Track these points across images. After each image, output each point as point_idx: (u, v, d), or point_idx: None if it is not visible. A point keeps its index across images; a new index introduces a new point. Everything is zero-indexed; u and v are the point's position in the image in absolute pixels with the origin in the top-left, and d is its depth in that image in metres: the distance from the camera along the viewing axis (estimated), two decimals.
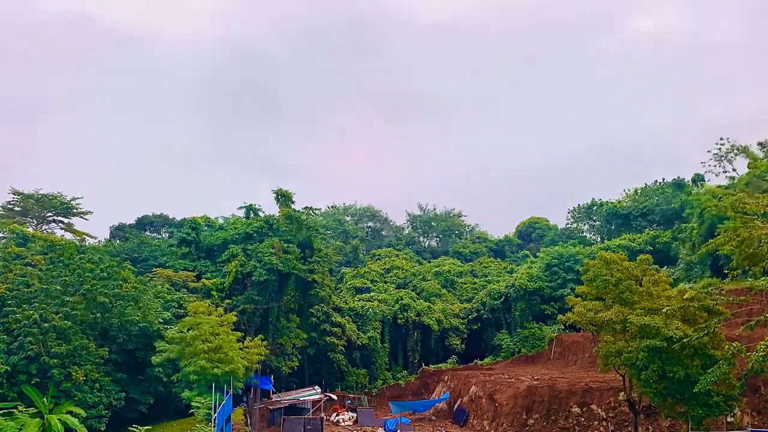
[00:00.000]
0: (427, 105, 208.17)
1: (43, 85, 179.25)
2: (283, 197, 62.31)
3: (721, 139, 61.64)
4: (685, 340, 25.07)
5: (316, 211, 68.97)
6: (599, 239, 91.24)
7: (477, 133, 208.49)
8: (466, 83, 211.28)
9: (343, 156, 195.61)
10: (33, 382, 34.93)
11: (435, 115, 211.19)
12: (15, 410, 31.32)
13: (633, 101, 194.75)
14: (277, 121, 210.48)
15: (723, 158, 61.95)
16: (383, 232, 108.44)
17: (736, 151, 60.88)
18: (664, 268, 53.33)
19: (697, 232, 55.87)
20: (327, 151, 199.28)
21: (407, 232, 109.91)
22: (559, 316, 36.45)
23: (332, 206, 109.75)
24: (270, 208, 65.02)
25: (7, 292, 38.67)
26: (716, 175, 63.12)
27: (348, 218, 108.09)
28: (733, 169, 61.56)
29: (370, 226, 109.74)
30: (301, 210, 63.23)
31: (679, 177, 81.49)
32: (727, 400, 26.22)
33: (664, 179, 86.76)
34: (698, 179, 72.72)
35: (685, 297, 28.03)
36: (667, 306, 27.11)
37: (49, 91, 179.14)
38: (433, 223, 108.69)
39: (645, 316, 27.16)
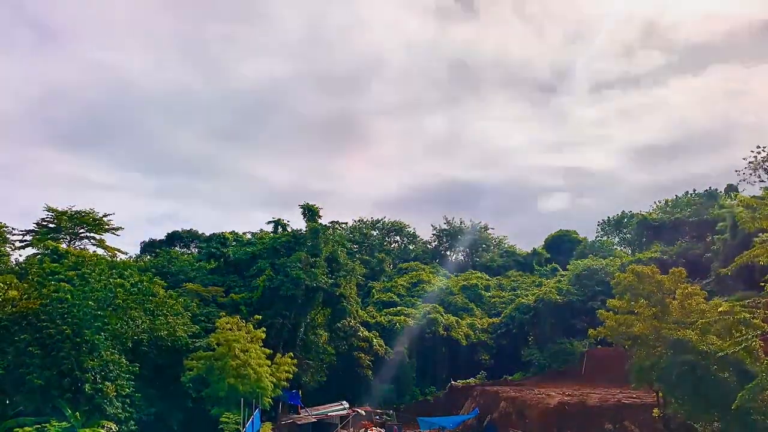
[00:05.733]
0: None
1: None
2: (310, 211, 62.71)
3: (758, 147, 60.09)
4: (720, 354, 24.43)
5: (342, 225, 69.23)
6: (630, 252, 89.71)
7: None
8: None
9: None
10: (65, 396, 35.45)
11: None
12: (48, 424, 31.90)
13: None
14: None
15: (759, 167, 60.36)
16: (410, 246, 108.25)
17: None
18: (696, 280, 52.22)
19: (731, 244, 54.58)
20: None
21: (434, 245, 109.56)
22: (590, 331, 35.73)
23: (358, 220, 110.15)
24: (297, 222, 65.27)
25: (41, 308, 39.38)
26: (751, 184, 61.52)
27: (375, 233, 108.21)
28: None
29: (397, 241, 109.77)
30: (327, 224, 63.53)
31: (711, 188, 79.97)
32: (766, 417, 25.39)
33: (695, 190, 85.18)
34: (731, 189, 71.20)
35: (719, 310, 27.36)
36: (702, 320, 26.49)
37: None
38: (459, 237, 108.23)
39: (678, 330, 26.58)
